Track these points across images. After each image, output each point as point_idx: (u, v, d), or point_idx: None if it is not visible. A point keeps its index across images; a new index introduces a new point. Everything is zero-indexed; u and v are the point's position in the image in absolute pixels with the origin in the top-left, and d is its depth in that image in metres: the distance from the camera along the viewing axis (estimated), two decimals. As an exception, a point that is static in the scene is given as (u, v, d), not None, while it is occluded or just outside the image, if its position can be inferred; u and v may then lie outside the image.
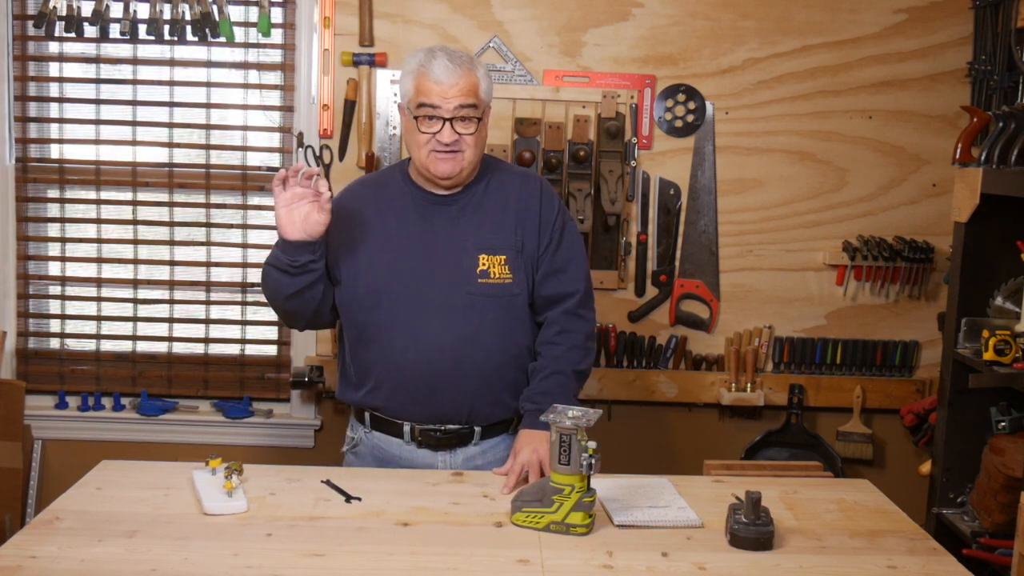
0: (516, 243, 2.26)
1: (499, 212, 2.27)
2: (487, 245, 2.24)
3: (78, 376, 3.40)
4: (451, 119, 2.15)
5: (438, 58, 2.16)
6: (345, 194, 2.37)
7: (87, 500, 1.96)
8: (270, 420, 3.36)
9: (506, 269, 2.24)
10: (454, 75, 2.14)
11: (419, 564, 1.74)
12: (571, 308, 2.30)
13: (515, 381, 2.31)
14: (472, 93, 2.16)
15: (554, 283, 2.30)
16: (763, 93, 3.23)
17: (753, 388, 3.29)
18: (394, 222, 2.26)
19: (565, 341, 2.28)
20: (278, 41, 3.26)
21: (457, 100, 2.14)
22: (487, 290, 2.23)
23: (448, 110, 2.15)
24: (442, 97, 2.14)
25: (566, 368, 2.26)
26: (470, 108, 2.16)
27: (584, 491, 1.87)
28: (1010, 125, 2.47)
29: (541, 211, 2.28)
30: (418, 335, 2.22)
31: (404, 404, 2.27)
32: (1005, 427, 2.57)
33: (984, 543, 2.45)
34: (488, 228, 2.25)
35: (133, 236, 3.35)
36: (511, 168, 2.40)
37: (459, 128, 2.16)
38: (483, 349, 2.23)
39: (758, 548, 1.83)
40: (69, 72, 3.29)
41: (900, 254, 3.23)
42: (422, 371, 2.22)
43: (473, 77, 2.17)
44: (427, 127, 2.17)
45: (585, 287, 2.34)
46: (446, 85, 2.14)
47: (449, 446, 2.30)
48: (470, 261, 2.23)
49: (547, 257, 2.29)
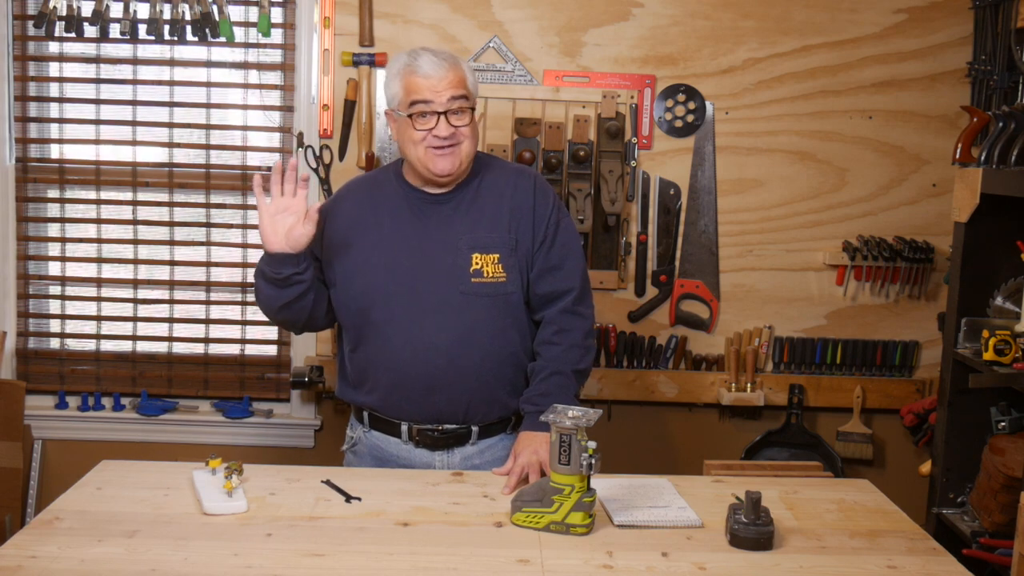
0: (510, 241, 2.25)
1: (493, 210, 2.26)
2: (480, 244, 2.23)
3: (78, 376, 3.40)
4: (445, 112, 2.15)
5: (422, 56, 2.18)
6: (338, 195, 2.37)
7: (87, 500, 1.96)
8: (270, 420, 3.36)
9: (499, 268, 2.24)
10: (441, 68, 2.16)
11: (419, 564, 1.74)
12: (568, 306, 2.29)
13: (512, 380, 2.30)
14: (461, 84, 2.18)
15: (550, 280, 2.29)
16: (763, 93, 3.23)
17: (753, 388, 3.29)
18: (388, 222, 2.26)
19: (564, 340, 2.28)
20: (278, 41, 3.26)
21: (448, 92, 2.15)
22: (480, 289, 2.22)
23: (441, 103, 2.15)
24: (433, 91, 2.15)
25: (565, 368, 2.26)
26: (462, 99, 2.17)
27: (584, 491, 1.87)
28: (1010, 125, 2.47)
29: (535, 207, 2.28)
30: (413, 335, 2.22)
31: (401, 404, 2.27)
32: (1005, 427, 2.57)
33: (984, 543, 2.45)
34: (482, 226, 2.25)
35: (133, 236, 3.35)
36: (505, 165, 2.38)
37: (454, 121, 2.16)
38: (479, 348, 2.23)
39: (758, 548, 1.83)
40: (69, 72, 3.29)
41: (900, 254, 3.23)
42: (418, 371, 2.22)
43: (460, 70, 2.19)
44: (422, 124, 2.16)
45: (581, 284, 2.32)
46: (435, 79, 2.15)
47: (447, 446, 2.30)
48: (463, 260, 2.22)
49: (542, 254, 2.28)
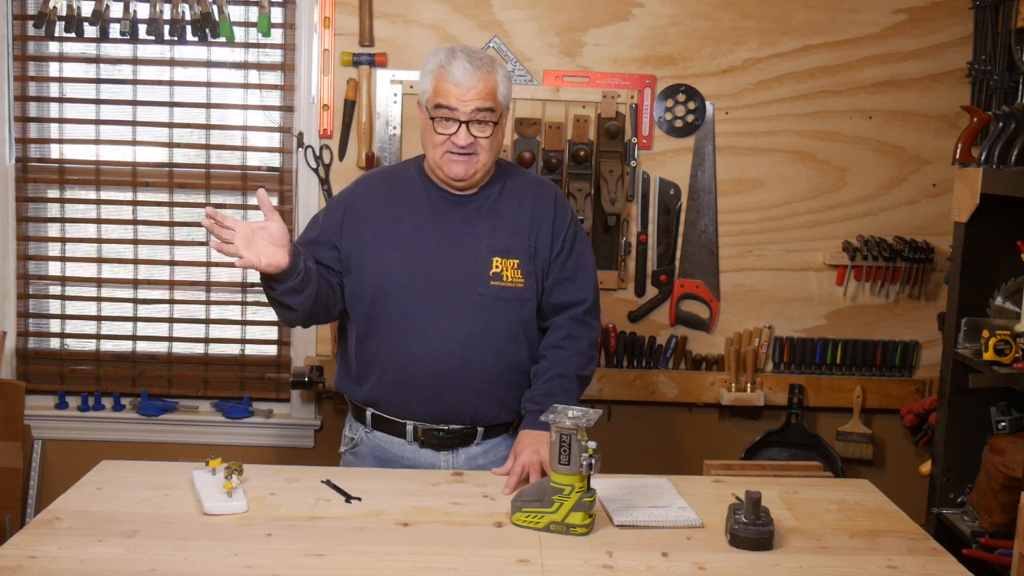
0: (530, 248, 2.26)
1: (514, 216, 2.27)
2: (501, 248, 2.24)
3: (78, 376, 3.40)
4: (467, 122, 2.14)
5: (458, 59, 2.14)
6: (360, 185, 2.35)
7: (87, 500, 1.96)
8: (270, 420, 3.36)
9: (519, 274, 2.24)
10: (472, 77, 2.13)
11: (419, 564, 1.74)
12: (578, 315, 2.31)
13: (518, 385, 2.30)
14: (490, 96, 2.15)
15: (564, 290, 2.30)
16: (763, 93, 3.23)
17: (753, 388, 3.29)
18: (407, 217, 2.26)
19: (571, 346, 2.29)
20: (278, 41, 3.26)
21: (474, 103, 2.13)
22: (499, 292, 2.23)
23: (465, 113, 2.13)
24: (459, 99, 2.13)
25: (569, 372, 2.26)
26: (487, 112, 2.15)
27: (584, 491, 1.87)
28: (1010, 125, 2.46)
29: (555, 219, 2.29)
30: (428, 333, 2.21)
31: (409, 401, 2.26)
32: (1005, 427, 2.57)
33: (984, 543, 2.45)
34: (503, 231, 2.25)
35: (133, 236, 3.35)
36: (526, 174, 2.39)
37: (475, 131, 2.15)
38: (491, 350, 2.23)
39: (758, 548, 1.83)
40: (69, 72, 3.29)
41: (900, 254, 3.23)
42: (430, 369, 2.22)
43: (492, 80, 2.16)
44: (443, 128, 2.16)
45: (594, 296, 2.35)
46: (464, 87, 2.12)
47: (452, 446, 2.30)
48: (483, 262, 2.23)
49: (558, 264, 2.29)
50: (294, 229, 3.29)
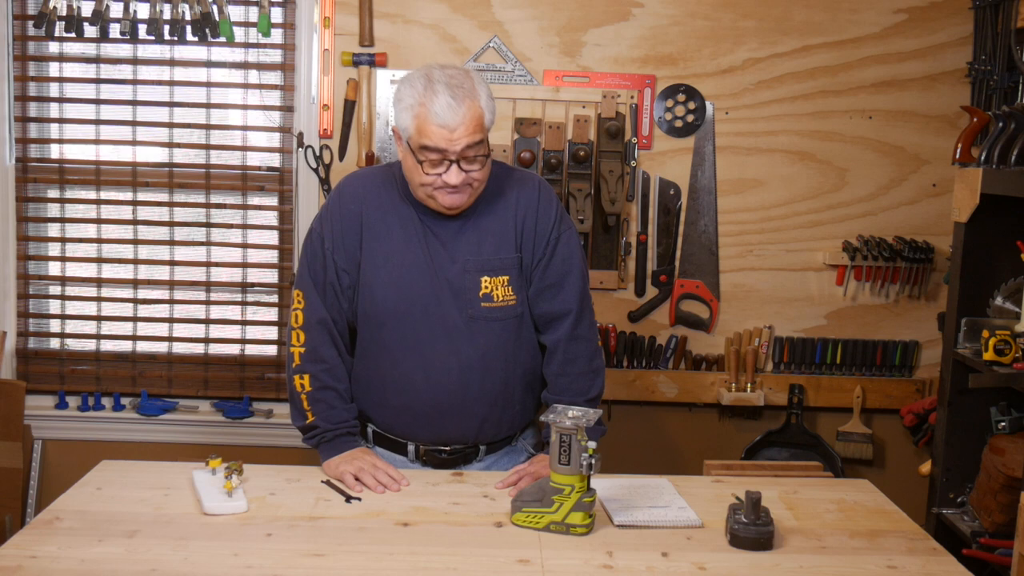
0: (517, 259, 2.17)
1: (499, 225, 2.16)
2: (489, 267, 2.15)
3: (78, 376, 3.40)
4: (458, 160, 2.02)
5: (439, 95, 1.99)
6: (348, 190, 2.22)
7: (87, 500, 1.96)
8: (270, 420, 3.36)
9: (509, 290, 2.16)
10: (458, 114, 1.99)
11: (419, 564, 1.74)
12: (568, 331, 2.21)
13: (522, 399, 2.27)
14: (478, 128, 2.02)
15: (548, 300, 2.21)
16: (763, 93, 3.23)
17: (753, 388, 3.29)
18: (398, 231, 2.16)
19: (570, 371, 2.22)
20: (278, 41, 3.25)
21: (464, 141, 2.01)
22: (491, 314, 2.15)
23: (455, 152, 2.01)
24: (448, 140, 2.00)
25: (578, 400, 2.19)
26: (477, 145, 2.03)
27: (584, 491, 1.87)
28: (1010, 125, 2.46)
29: (537, 223, 2.18)
30: (426, 359, 2.15)
31: (408, 425, 2.23)
32: (1005, 427, 2.57)
33: (984, 543, 2.45)
34: (488, 245, 2.16)
35: (133, 236, 3.35)
36: (510, 172, 2.25)
37: (466, 167, 2.04)
38: (491, 373, 2.18)
39: (758, 548, 1.83)
40: (69, 72, 3.29)
41: (900, 254, 3.23)
42: (430, 396, 2.17)
43: (477, 108, 2.02)
44: (432, 169, 2.04)
45: (579, 304, 2.22)
46: (451, 127, 1.99)
47: (454, 464, 2.26)
48: (471, 283, 2.14)
49: (539, 272, 2.19)
50: (294, 229, 3.30)
